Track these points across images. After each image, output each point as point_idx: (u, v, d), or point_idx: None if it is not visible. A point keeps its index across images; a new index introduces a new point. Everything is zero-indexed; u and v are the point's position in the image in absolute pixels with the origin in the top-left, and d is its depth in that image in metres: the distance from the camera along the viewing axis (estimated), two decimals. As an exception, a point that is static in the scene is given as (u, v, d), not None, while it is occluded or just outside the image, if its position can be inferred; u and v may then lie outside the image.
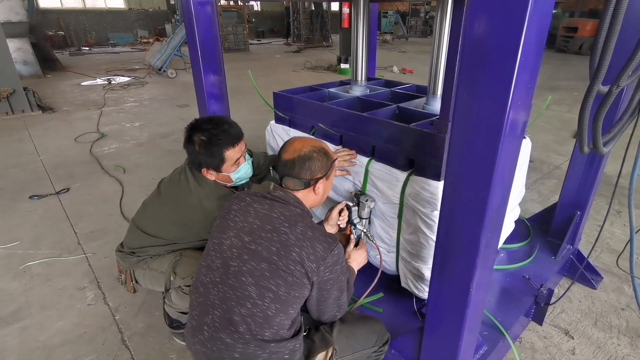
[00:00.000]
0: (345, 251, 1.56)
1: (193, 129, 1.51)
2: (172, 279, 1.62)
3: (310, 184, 1.23)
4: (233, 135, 1.52)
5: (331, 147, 1.67)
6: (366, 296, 1.68)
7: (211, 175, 1.55)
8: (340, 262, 1.15)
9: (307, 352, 1.19)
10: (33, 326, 1.94)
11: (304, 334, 1.21)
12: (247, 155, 1.63)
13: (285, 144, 1.30)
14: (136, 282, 1.73)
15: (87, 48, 15.70)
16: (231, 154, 1.51)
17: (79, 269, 2.36)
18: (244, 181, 1.65)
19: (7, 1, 7.45)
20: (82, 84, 8.23)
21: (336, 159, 1.38)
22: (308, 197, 1.26)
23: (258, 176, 1.89)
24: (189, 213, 1.56)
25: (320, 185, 1.26)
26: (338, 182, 1.78)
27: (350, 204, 1.62)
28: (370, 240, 1.68)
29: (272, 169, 1.29)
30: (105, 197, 3.28)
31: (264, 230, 1.11)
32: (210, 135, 1.47)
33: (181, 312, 1.72)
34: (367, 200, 1.61)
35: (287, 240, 1.08)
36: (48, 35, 13.78)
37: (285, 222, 1.12)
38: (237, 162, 1.55)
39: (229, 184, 1.60)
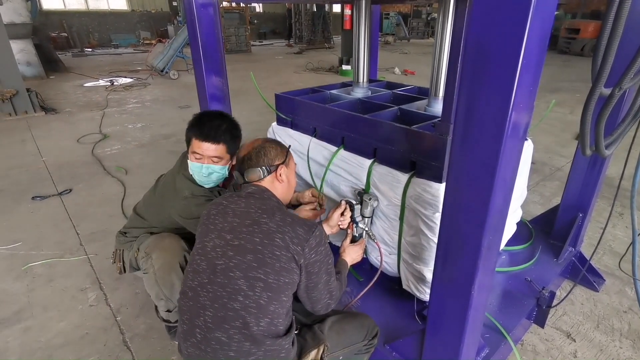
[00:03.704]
0: (341, 245, 1.62)
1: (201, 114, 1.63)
2: (135, 255, 1.74)
3: (271, 170, 1.29)
4: (209, 134, 1.51)
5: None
6: (362, 295, 1.69)
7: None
8: (323, 244, 1.17)
9: (299, 350, 1.21)
10: (35, 327, 1.95)
11: (296, 332, 1.23)
12: (218, 167, 1.56)
13: (241, 146, 1.37)
14: (124, 264, 1.86)
15: (90, 49, 15.78)
16: (195, 144, 1.53)
17: (81, 270, 2.36)
18: (198, 178, 1.59)
19: (11, 3, 7.49)
20: (85, 85, 8.27)
21: (288, 148, 1.41)
22: (276, 188, 1.30)
23: None
24: (163, 190, 1.70)
25: (282, 171, 1.31)
26: (339, 183, 1.79)
27: (353, 201, 1.63)
28: (372, 239, 1.68)
29: (237, 171, 1.34)
30: (107, 198, 3.29)
31: (244, 226, 1.14)
32: (197, 118, 1.58)
33: (167, 311, 1.72)
34: (370, 199, 1.61)
35: (268, 229, 1.12)
36: (51, 37, 13.83)
37: (263, 213, 1.16)
38: (195, 155, 1.53)
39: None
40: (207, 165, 1.55)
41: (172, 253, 1.63)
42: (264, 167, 1.28)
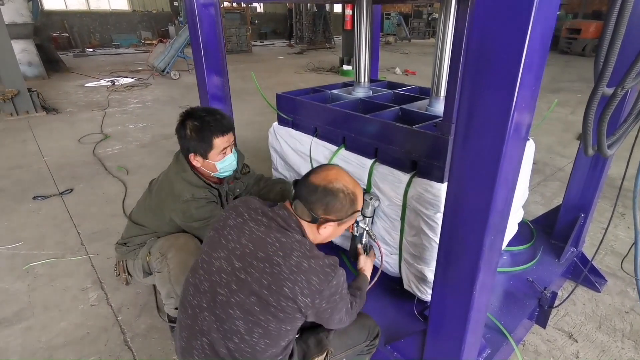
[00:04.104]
0: (357, 261, 1.58)
1: (188, 115, 1.61)
2: (147, 259, 1.72)
3: (317, 221, 1.12)
4: (224, 124, 1.61)
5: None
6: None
7: (197, 162, 1.62)
8: (339, 292, 1.07)
9: (301, 355, 1.19)
10: (36, 327, 1.95)
11: (297, 336, 1.21)
12: (234, 150, 1.68)
13: (322, 166, 1.21)
14: (129, 274, 1.86)
15: (91, 49, 15.78)
16: (219, 142, 1.59)
17: (82, 270, 2.36)
18: (227, 173, 1.70)
19: (12, 3, 7.50)
20: (86, 85, 8.28)
21: (359, 211, 1.21)
22: (311, 231, 1.15)
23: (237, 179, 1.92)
24: (160, 194, 1.68)
25: (328, 227, 1.14)
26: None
27: None
28: (372, 238, 1.68)
29: (293, 184, 1.21)
30: (108, 198, 3.29)
31: (256, 258, 1.03)
32: (203, 122, 1.57)
33: (176, 309, 1.72)
34: (371, 199, 1.61)
35: (279, 273, 0.99)
36: (52, 37, 13.82)
37: (279, 250, 1.03)
38: (223, 152, 1.62)
39: (212, 173, 1.66)
40: (234, 151, 1.67)
41: (188, 252, 1.63)
42: (313, 214, 1.11)
